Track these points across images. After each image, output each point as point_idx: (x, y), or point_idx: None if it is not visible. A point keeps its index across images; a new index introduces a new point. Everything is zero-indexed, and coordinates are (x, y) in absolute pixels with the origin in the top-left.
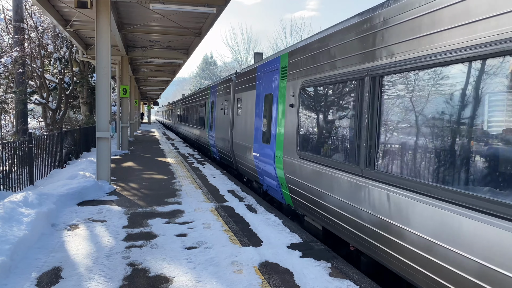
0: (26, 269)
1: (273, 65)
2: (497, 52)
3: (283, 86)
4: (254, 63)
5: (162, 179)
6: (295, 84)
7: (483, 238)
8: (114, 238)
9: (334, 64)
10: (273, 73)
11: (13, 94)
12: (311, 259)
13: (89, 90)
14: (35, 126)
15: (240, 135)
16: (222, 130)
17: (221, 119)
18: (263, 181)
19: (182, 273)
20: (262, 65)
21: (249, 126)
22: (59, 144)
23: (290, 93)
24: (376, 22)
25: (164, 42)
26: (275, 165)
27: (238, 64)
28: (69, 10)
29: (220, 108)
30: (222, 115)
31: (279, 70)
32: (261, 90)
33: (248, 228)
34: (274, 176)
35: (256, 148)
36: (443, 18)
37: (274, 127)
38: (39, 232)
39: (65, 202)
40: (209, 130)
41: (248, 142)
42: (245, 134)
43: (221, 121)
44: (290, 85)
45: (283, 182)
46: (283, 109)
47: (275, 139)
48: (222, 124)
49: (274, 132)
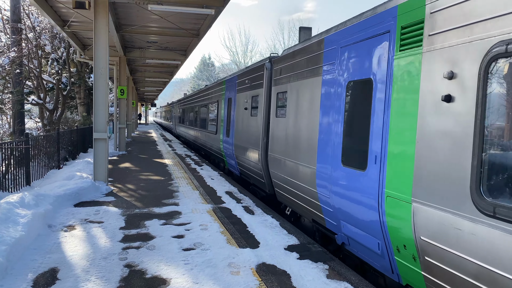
0: (23, 270)
1: (376, 25)
2: None
3: (413, 63)
4: (311, 37)
5: (159, 180)
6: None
7: None
8: (111, 239)
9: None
10: (375, 42)
11: (10, 94)
12: (308, 261)
13: (86, 91)
14: (32, 127)
15: (282, 147)
16: (247, 137)
17: (245, 122)
18: (337, 227)
19: (179, 274)
20: (343, 33)
21: (307, 134)
22: (56, 145)
23: (445, 75)
24: None
25: (162, 43)
26: (384, 211)
27: (236, 65)
28: (67, 10)
29: (244, 107)
30: (247, 117)
31: (396, 33)
32: (340, 74)
33: (245, 229)
34: (376, 229)
35: (325, 172)
36: None
37: (383, 140)
38: (36, 233)
39: (62, 203)
40: (223, 135)
41: (303, 160)
42: (295, 147)
43: (244, 125)
44: (450, 59)
45: (407, 247)
46: (422, 105)
47: (383, 162)
48: (247, 129)
49: (381, 148)
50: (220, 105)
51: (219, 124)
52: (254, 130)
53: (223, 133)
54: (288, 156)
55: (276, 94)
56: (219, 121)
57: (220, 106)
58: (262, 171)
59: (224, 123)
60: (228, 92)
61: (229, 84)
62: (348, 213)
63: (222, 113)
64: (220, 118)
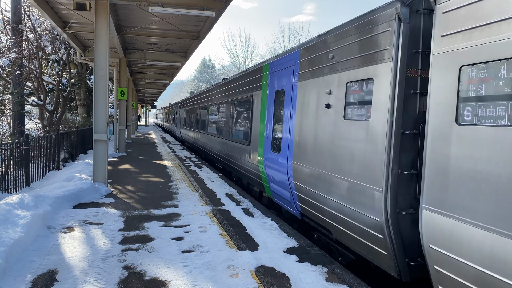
0: (21, 272)
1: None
2: None
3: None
4: None
5: (159, 182)
6: None
7: None
8: (110, 241)
9: None
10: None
11: (10, 95)
12: (307, 264)
13: (86, 92)
14: (32, 128)
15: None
16: (332, 159)
17: (327, 131)
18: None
19: (178, 276)
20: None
21: None
22: (56, 146)
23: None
24: None
25: (162, 45)
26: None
27: (236, 67)
28: (67, 12)
29: (322, 104)
30: (332, 122)
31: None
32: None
33: (244, 232)
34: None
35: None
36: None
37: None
38: (35, 234)
39: (61, 204)
40: (265, 149)
41: None
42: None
43: (325, 137)
44: None
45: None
46: None
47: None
48: (335, 145)
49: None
50: (256, 103)
51: (255, 131)
52: (360, 150)
53: (264, 146)
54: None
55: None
56: (255, 127)
57: (257, 103)
58: (388, 236)
59: (267, 131)
60: (275, 81)
61: (278, 68)
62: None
63: (261, 114)
64: (257, 122)
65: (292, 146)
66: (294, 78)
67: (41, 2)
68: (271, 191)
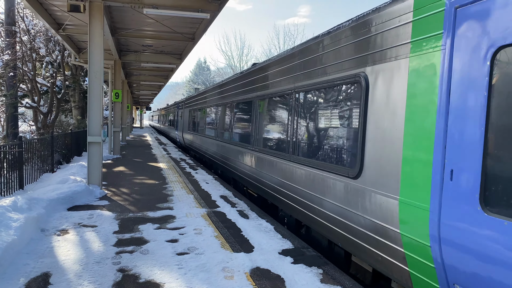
0: (14, 275)
1: None
2: None
3: None
4: None
5: (153, 184)
6: None
7: None
8: (104, 244)
9: None
10: None
11: (4, 97)
12: (302, 265)
13: (81, 94)
14: (26, 130)
15: None
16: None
17: None
18: None
19: (172, 279)
20: None
21: None
22: (50, 148)
23: None
24: None
25: (157, 47)
26: None
27: (232, 69)
28: (61, 13)
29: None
30: None
31: None
32: None
33: (240, 234)
34: None
35: None
36: None
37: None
38: (28, 237)
39: (55, 207)
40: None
41: None
42: None
43: None
44: None
45: None
46: None
47: None
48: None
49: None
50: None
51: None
52: None
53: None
54: None
55: None
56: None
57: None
58: None
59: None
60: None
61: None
62: None
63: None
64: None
65: None
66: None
67: (35, 3)
68: None
